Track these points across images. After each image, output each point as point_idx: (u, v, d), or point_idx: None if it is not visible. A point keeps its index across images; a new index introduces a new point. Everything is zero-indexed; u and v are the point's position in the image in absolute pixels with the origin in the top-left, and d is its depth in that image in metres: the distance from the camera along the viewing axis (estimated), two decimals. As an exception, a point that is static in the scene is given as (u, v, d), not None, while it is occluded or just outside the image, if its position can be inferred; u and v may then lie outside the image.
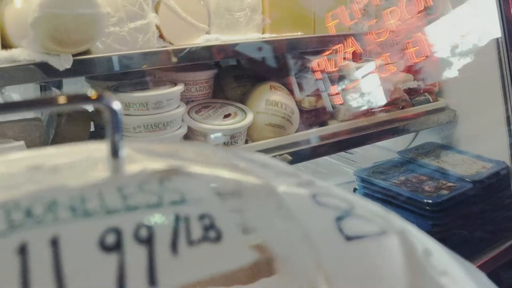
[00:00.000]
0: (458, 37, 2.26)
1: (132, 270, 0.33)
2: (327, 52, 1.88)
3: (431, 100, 2.20)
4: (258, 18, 1.70)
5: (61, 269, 0.33)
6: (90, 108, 1.47)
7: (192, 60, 1.54)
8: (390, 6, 2.10)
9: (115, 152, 0.45)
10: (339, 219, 0.43)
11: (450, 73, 2.24)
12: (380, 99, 1.97)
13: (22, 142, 1.32)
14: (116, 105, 0.44)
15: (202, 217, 0.38)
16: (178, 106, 1.51)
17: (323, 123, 1.86)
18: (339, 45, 1.88)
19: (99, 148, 0.47)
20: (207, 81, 1.68)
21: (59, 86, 1.86)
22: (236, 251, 0.37)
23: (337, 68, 1.90)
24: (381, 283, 0.41)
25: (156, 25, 1.49)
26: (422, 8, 2.12)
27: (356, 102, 1.92)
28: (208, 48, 1.54)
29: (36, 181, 0.41)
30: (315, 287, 0.37)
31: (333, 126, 1.87)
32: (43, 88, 1.97)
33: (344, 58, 1.90)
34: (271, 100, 1.66)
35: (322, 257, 0.39)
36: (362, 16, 2.02)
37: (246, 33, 1.67)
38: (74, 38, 1.20)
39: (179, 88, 1.50)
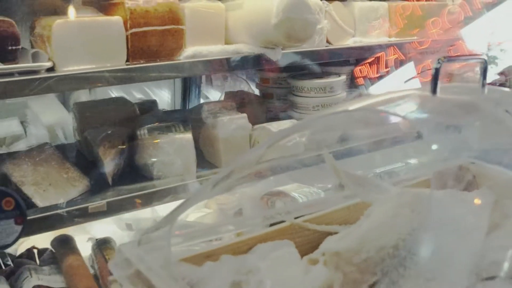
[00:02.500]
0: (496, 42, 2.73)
1: None
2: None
3: (502, 92, 2.68)
4: (386, 26, 2.17)
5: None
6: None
7: (348, 56, 2.00)
8: (432, 17, 2.50)
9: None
10: None
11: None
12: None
13: (244, 115, 1.77)
14: (485, 57, 0.89)
15: None
16: (341, 91, 1.97)
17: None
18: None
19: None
20: (349, 74, 2.15)
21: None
22: None
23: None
24: None
25: (321, 29, 1.95)
26: (463, 18, 2.53)
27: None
28: (361, 48, 2.01)
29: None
30: None
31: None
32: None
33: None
34: (401, 89, 2.13)
35: None
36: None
37: (379, 37, 2.14)
38: (300, 36, 1.66)
39: (344, 77, 1.97)
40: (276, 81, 2.05)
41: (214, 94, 2.96)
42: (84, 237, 1.86)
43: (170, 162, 1.63)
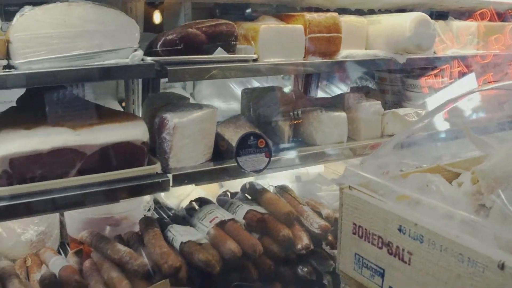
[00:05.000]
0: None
1: None
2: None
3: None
4: (475, 40, 2.77)
5: None
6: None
7: (447, 63, 2.60)
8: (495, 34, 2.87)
9: None
10: None
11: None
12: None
13: (379, 102, 2.37)
14: None
15: None
16: (443, 89, 2.58)
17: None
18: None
19: None
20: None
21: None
22: None
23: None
24: None
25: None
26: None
27: None
28: (457, 58, 2.61)
29: None
30: None
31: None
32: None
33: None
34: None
35: None
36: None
37: (469, 50, 2.74)
38: (425, 46, 2.27)
39: (446, 79, 2.57)
40: (392, 80, 2.66)
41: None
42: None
43: (330, 133, 2.23)
